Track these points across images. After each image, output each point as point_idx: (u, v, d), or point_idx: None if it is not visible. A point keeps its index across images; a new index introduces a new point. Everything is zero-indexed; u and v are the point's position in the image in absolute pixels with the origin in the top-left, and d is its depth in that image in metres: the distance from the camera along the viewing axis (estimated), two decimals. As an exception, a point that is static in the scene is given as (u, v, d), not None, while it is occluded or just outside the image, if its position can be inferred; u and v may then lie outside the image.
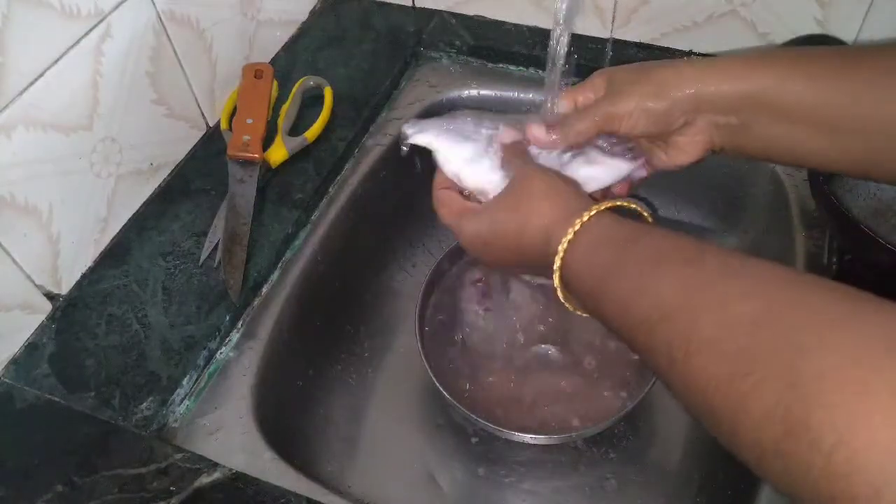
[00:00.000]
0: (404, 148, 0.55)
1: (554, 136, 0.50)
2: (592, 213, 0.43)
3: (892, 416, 0.25)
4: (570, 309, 0.47)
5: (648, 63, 0.51)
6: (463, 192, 0.54)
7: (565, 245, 0.43)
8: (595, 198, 0.50)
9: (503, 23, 0.84)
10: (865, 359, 0.27)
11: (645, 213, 0.48)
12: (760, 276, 0.34)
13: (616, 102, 0.50)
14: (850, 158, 0.46)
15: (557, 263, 0.44)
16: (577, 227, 0.43)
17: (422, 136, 0.54)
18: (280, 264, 0.66)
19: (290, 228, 0.67)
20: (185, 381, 0.57)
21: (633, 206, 0.48)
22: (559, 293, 0.46)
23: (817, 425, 0.27)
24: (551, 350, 0.70)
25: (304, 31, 0.86)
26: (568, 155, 0.53)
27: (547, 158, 0.53)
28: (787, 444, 0.28)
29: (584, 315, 0.46)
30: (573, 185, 0.49)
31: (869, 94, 0.44)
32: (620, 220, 0.44)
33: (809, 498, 0.28)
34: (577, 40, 0.81)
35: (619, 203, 0.46)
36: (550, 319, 0.71)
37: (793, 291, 0.32)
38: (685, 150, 0.51)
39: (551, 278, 0.45)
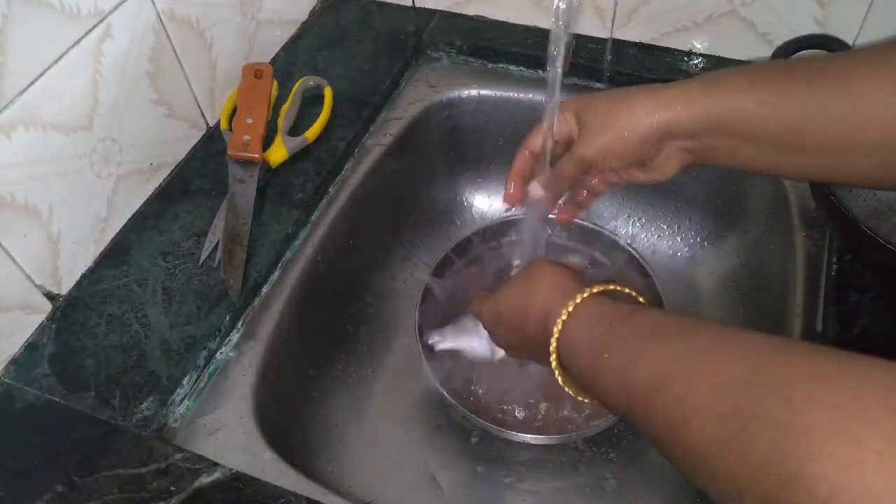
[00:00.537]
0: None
1: (549, 190, 0.57)
2: (585, 294, 0.47)
3: (884, 463, 0.26)
4: (570, 392, 0.50)
5: (613, 98, 0.52)
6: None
7: (559, 325, 0.47)
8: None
9: (503, 23, 0.84)
10: (854, 409, 0.28)
11: (639, 297, 0.51)
12: (750, 343, 0.36)
13: (587, 147, 0.53)
14: (819, 171, 0.48)
15: (553, 344, 0.47)
16: (569, 308, 0.46)
17: (443, 344, 0.68)
18: (280, 264, 0.66)
19: (290, 228, 0.67)
20: (185, 381, 0.57)
21: (628, 290, 0.51)
22: (557, 375, 0.49)
23: (811, 476, 0.27)
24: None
25: (304, 31, 0.86)
26: None
27: None
28: (783, 497, 0.29)
29: (584, 400, 0.49)
30: (576, 273, 0.52)
31: (820, 112, 0.45)
32: (614, 301, 0.47)
33: None
34: (577, 40, 0.81)
35: (613, 287, 0.49)
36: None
37: (781, 354, 0.34)
38: (660, 170, 0.53)
39: (548, 363, 0.48)
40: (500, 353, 0.65)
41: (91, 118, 0.60)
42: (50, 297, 0.61)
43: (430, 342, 0.68)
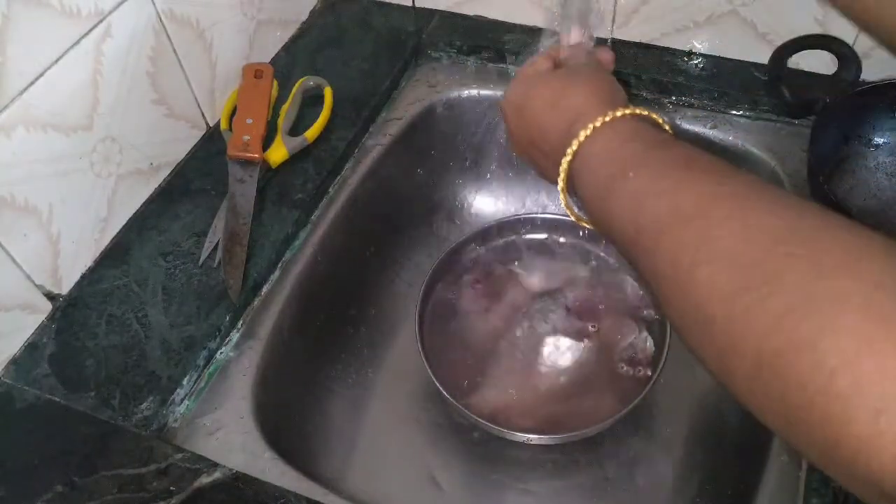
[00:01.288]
0: None
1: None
2: (627, 111, 0.43)
3: None
4: (565, 207, 0.45)
5: None
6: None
7: (589, 130, 0.42)
8: None
9: (503, 23, 0.84)
10: (889, 288, 0.26)
11: (668, 128, 0.47)
12: (788, 199, 0.33)
13: None
14: None
15: (573, 147, 0.42)
16: (607, 118, 0.42)
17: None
18: (280, 264, 0.66)
19: (290, 228, 0.67)
20: (185, 381, 0.57)
21: (668, 128, 0.46)
22: (561, 186, 0.44)
23: (823, 346, 0.26)
24: (551, 350, 0.70)
25: (304, 30, 0.86)
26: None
27: None
28: (787, 358, 0.27)
29: (582, 222, 0.45)
30: (619, 88, 0.49)
31: None
32: (655, 128, 0.43)
33: (802, 417, 0.27)
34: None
35: (657, 118, 0.45)
36: (551, 320, 0.71)
37: (818, 218, 0.31)
38: None
39: (557, 173, 0.44)
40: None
41: (91, 118, 0.60)
42: (50, 297, 0.61)
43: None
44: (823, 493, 0.48)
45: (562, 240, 0.78)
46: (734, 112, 0.76)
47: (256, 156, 0.69)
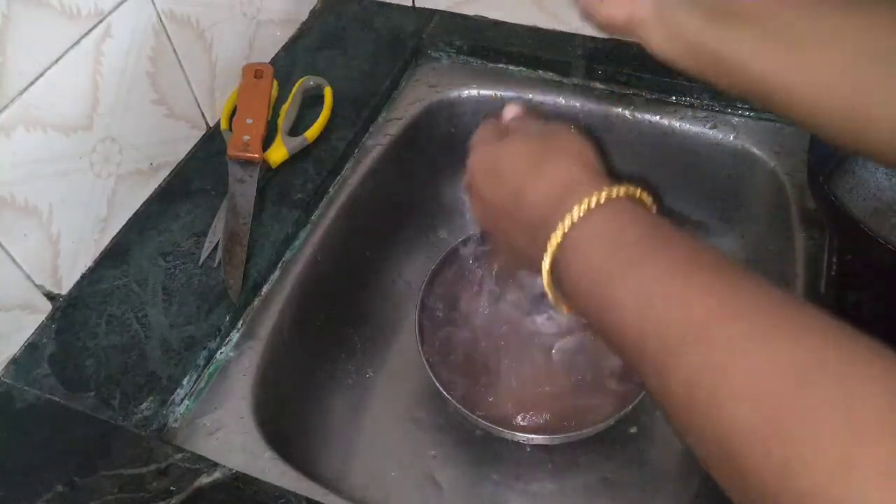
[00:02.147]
0: None
1: None
2: (623, 189, 0.38)
3: None
4: (551, 299, 0.40)
5: None
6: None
7: (585, 204, 0.37)
8: None
9: (503, 23, 0.84)
10: None
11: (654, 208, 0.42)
12: (807, 314, 0.30)
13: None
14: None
15: (566, 222, 0.37)
16: (603, 193, 0.37)
17: None
18: (280, 264, 0.66)
19: (290, 228, 0.67)
20: (185, 381, 0.57)
21: (647, 199, 0.41)
22: (544, 275, 0.39)
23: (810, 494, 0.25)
24: (551, 350, 0.70)
25: (304, 31, 0.86)
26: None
27: None
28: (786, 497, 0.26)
29: (567, 312, 0.40)
30: (603, 159, 0.43)
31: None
32: (649, 211, 0.39)
33: None
34: (578, 41, 0.81)
35: (638, 194, 0.40)
36: (552, 319, 0.71)
37: (846, 345, 0.28)
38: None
39: (541, 256, 0.38)
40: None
41: (91, 118, 0.60)
42: (50, 297, 0.61)
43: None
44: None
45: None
46: (734, 112, 0.76)
47: (256, 156, 0.69)
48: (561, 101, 0.79)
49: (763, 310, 0.30)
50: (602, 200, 0.37)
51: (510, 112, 0.51)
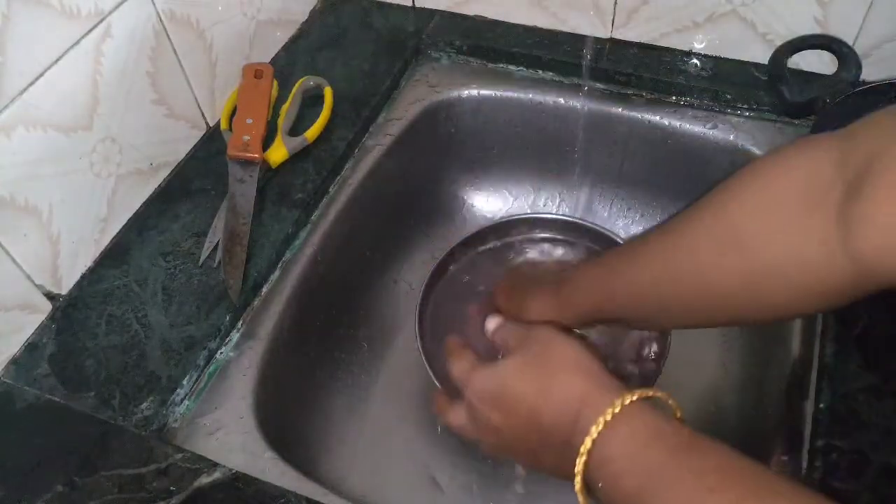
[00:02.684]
0: None
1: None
2: (634, 397, 0.39)
3: None
4: None
5: (517, 291, 0.56)
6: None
7: (600, 425, 0.38)
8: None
9: (503, 23, 0.84)
10: None
11: (677, 410, 0.42)
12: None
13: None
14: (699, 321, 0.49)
15: (587, 446, 0.38)
16: (616, 408, 0.38)
17: None
18: (280, 264, 0.66)
19: (290, 228, 0.67)
20: (185, 381, 0.57)
21: (671, 401, 0.42)
22: (577, 484, 0.39)
23: None
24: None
25: (304, 30, 0.86)
26: None
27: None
28: None
29: None
30: (600, 357, 0.44)
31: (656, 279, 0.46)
32: (664, 417, 0.39)
33: None
34: (578, 41, 0.81)
35: (651, 393, 0.40)
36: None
37: None
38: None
39: (572, 473, 0.39)
40: None
41: (91, 118, 0.60)
42: (50, 296, 0.61)
43: None
44: (824, 492, 0.48)
45: (562, 239, 0.77)
46: (734, 112, 0.76)
47: (256, 156, 0.69)
48: (561, 101, 0.79)
49: None
50: (618, 411, 0.38)
51: (492, 324, 0.54)
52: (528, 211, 0.85)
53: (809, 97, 0.68)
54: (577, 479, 0.39)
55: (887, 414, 0.51)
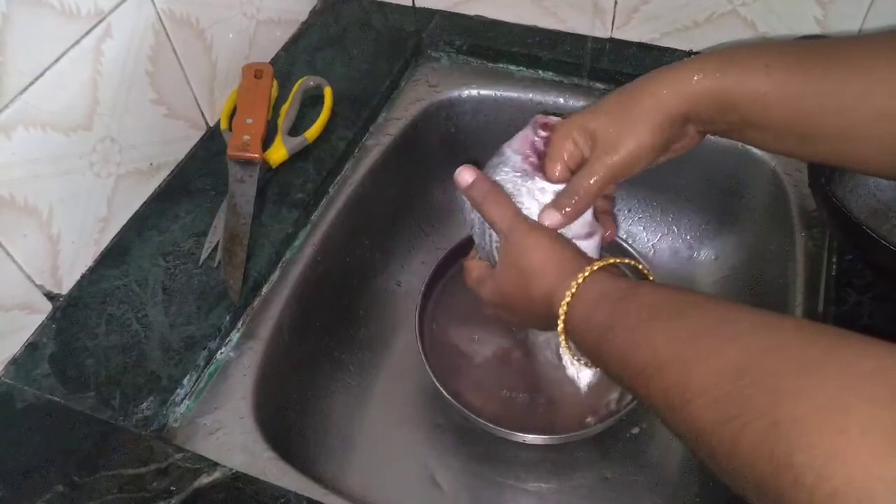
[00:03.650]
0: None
1: (566, 211, 0.51)
2: (586, 273, 0.46)
3: (861, 453, 0.28)
4: (582, 363, 0.50)
5: (626, 95, 0.51)
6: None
7: (565, 307, 0.46)
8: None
9: (503, 23, 0.84)
10: (837, 400, 0.30)
11: (641, 267, 0.52)
12: (744, 323, 0.37)
13: (616, 153, 0.50)
14: (831, 157, 0.48)
15: (560, 325, 0.47)
16: (573, 289, 0.46)
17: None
18: (280, 264, 0.66)
19: (289, 228, 0.67)
20: (185, 381, 0.57)
21: (628, 261, 0.50)
22: (566, 351, 0.49)
23: (798, 465, 0.29)
24: (552, 349, 0.70)
25: (304, 30, 0.86)
26: None
27: None
28: (774, 482, 0.30)
29: (595, 369, 0.49)
30: (570, 245, 0.50)
31: (834, 100, 0.45)
32: (615, 278, 0.46)
33: None
34: (578, 41, 0.81)
35: (614, 261, 0.48)
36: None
37: (774, 337, 0.35)
38: (676, 151, 0.53)
39: (556, 325, 0.48)
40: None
41: (91, 118, 0.60)
42: (50, 296, 0.61)
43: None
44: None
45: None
46: (734, 112, 0.76)
47: (256, 156, 0.69)
48: (561, 101, 0.79)
49: (705, 330, 0.38)
50: (575, 290, 0.46)
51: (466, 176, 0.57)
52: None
53: None
54: (563, 346, 0.48)
55: (887, 414, 0.51)
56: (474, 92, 0.81)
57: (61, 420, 0.55)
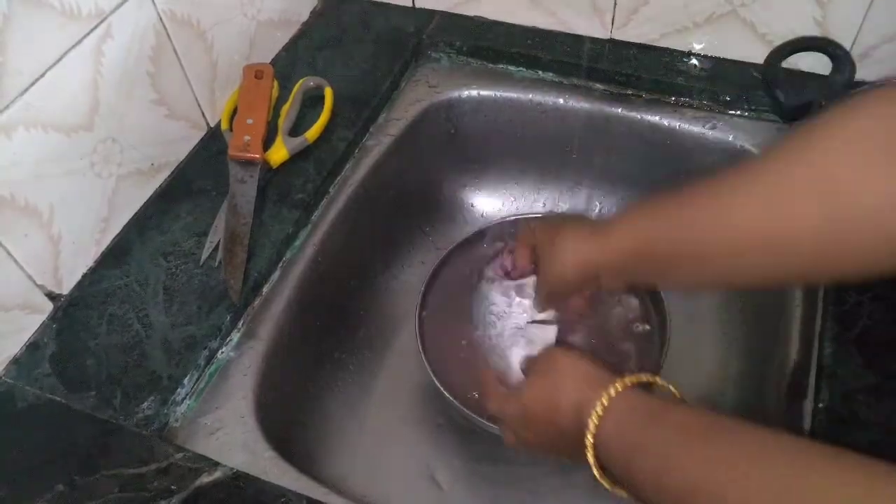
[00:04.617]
0: None
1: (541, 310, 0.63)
2: (618, 386, 0.46)
3: None
4: (608, 488, 0.48)
5: (558, 226, 0.57)
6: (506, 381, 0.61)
7: (595, 419, 0.46)
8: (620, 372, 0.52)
9: (503, 23, 0.84)
10: None
11: (668, 386, 0.50)
12: (778, 449, 0.37)
13: (542, 277, 0.59)
14: (734, 281, 0.53)
15: (590, 440, 0.46)
16: (604, 401, 0.46)
17: None
18: (280, 264, 0.66)
19: (290, 228, 0.67)
20: (185, 381, 0.57)
21: (659, 380, 0.50)
22: (594, 471, 0.47)
23: None
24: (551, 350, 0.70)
25: (305, 31, 0.86)
26: (508, 335, 0.67)
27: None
28: None
29: (623, 495, 0.47)
30: (597, 362, 0.51)
31: (704, 229, 0.47)
32: (645, 397, 0.46)
33: None
34: (577, 41, 0.81)
35: (645, 379, 0.48)
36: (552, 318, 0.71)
37: (809, 466, 0.35)
38: (609, 286, 0.57)
39: (585, 454, 0.47)
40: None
41: (92, 118, 0.60)
42: (51, 296, 0.61)
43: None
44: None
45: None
46: (734, 112, 0.76)
47: (257, 156, 0.69)
48: (560, 101, 0.80)
49: (737, 458, 0.38)
50: (606, 404, 0.45)
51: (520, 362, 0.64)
52: (528, 211, 0.85)
53: (805, 100, 0.68)
54: (592, 463, 0.46)
55: (887, 414, 0.51)
56: (474, 92, 0.81)
57: (62, 420, 0.55)
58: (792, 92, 0.68)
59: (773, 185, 0.44)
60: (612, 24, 0.79)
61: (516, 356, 0.66)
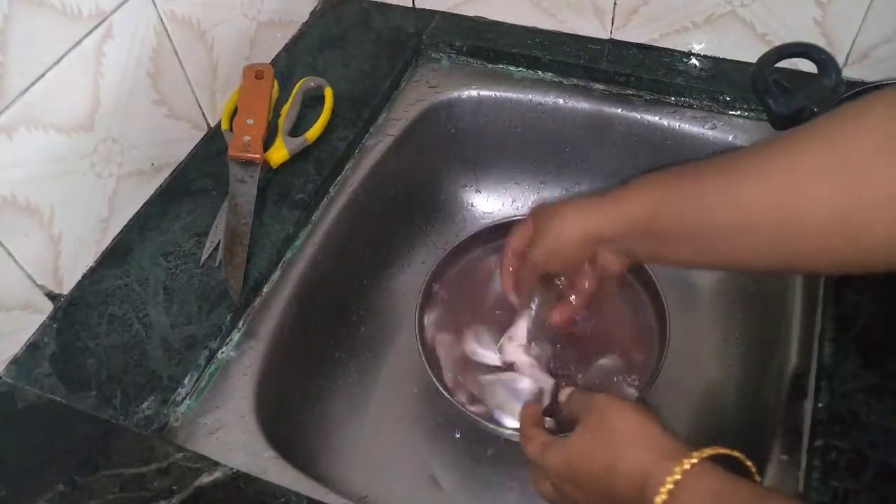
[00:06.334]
0: None
1: (517, 292, 0.63)
2: (694, 460, 0.41)
3: None
4: None
5: (553, 207, 0.56)
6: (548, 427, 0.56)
7: (665, 495, 0.40)
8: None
9: (503, 23, 0.84)
10: None
11: (750, 465, 0.45)
12: None
13: (533, 251, 0.58)
14: (756, 263, 0.49)
15: None
16: (677, 475, 0.41)
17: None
18: (281, 264, 0.66)
19: (290, 228, 0.67)
20: (186, 381, 0.57)
21: (737, 455, 0.44)
22: None
23: None
24: (552, 350, 0.70)
25: (305, 31, 0.86)
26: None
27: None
28: None
29: None
30: (659, 419, 0.46)
31: (711, 205, 0.47)
32: (727, 476, 0.41)
33: None
34: (577, 41, 0.81)
35: (721, 451, 0.43)
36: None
37: None
38: (605, 268, 0.56)
39: None
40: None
41: (92, 118, 0.60)
42: (51, 296, 0.61)
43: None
44: (823, 491, 0.48)
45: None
46: (733, 112, 0.76)
47: (257, 156, 0.69)
48: (560, 101, 0.80)
49: None
50: (679, 478, 0.41)
51: (563, 395, 0.59)
52: (528, 211, 0.85)
53: (796, 107, 0.67)
54: None
55: (886, 414, 0.51)
56: (474, 93, 0.82)
57: (62, 419, 0.55)
58: (782, 99, 0.67)
59: (787, 166, 0.43)
60: (612, 24, 0.79)
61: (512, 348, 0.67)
